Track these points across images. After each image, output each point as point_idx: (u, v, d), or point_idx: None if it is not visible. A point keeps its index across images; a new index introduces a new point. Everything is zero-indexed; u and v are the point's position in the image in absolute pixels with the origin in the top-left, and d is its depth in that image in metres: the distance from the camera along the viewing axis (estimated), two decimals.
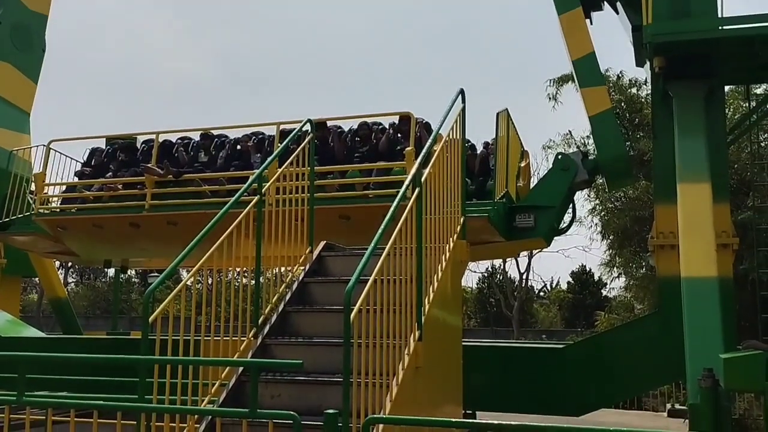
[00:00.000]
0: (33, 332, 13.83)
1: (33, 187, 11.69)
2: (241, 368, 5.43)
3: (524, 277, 37.93)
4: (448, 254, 6.36)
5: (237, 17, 77.86)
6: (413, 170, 5.69)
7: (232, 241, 5.69)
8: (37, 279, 23.14)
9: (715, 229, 8.78)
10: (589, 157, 10.33)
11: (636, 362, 9.62)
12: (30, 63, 14.20)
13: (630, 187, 20.19)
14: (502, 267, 39.65)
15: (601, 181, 11.78)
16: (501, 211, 9.33)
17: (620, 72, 21.72)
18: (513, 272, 39.22)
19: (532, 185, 10.88)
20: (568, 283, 43.35)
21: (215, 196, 9.88)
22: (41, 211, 11.07)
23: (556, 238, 10.88)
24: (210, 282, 6.88)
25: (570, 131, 23.72)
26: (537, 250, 32.89)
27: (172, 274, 5.45)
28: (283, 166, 6.69)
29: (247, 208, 5.97)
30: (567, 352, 10.27)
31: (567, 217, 10.97)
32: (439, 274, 6.09)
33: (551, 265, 62.64)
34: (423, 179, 5.72)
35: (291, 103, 69.66)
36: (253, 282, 6.19)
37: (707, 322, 7.21)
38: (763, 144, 15.50)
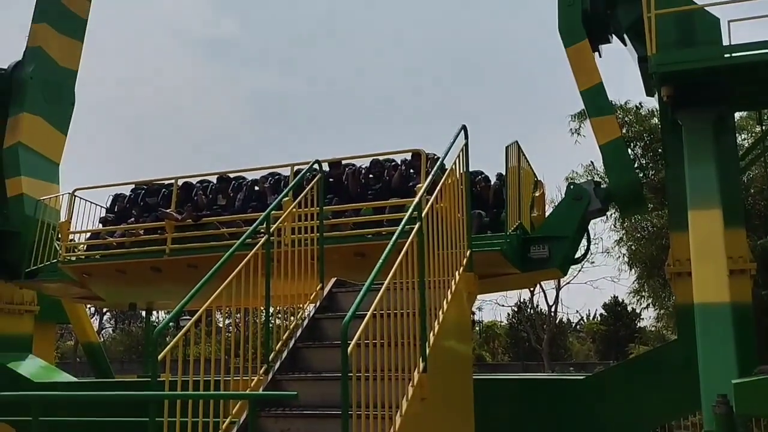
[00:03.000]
0: (65, 377, 14.11)
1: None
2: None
3: (553, 309, 37.51)
4: (454, 287, 6.45)
5: (266, 58, 79.33)
6: (412, 205, 5.83)
7: (242, 281, 5.85)
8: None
9: (731, 254, 8.75)
10: (602, 186, 10.37)
11: (658, 391, 9.51)
12: (60, 116, 14.73)
13: (656, 216, 20.06)
14: (530, 300, 39.35)
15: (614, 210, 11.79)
16: (514, 243, 9.38)
17: (639, 102, 21.68)
18: (543, 305, 38.89)
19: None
20: (601, 315, 42.80)
21: (234, 238, 10.09)
22: (67, 258, 11.41)
23: (582, 269, 10.94)
24: (226, 322, 7.06)
25: (592, 162, 23.63)
26: (565, 282, 32.68)
27: (179, 316, 5.62)
28: (291, 206, 6.88)
29: (255, 248, 6.14)
30: (587, 384, 10.19)
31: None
32: (445, 307, 6.17)
33: (581, 297, 61.93)
34: (423, 214, 5.86)
35: (321, 141, 70.68)
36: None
37: (720, 347, 7.16)
38: None
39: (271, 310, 6.38)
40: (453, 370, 6.47)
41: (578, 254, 10.48)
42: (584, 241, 10.49)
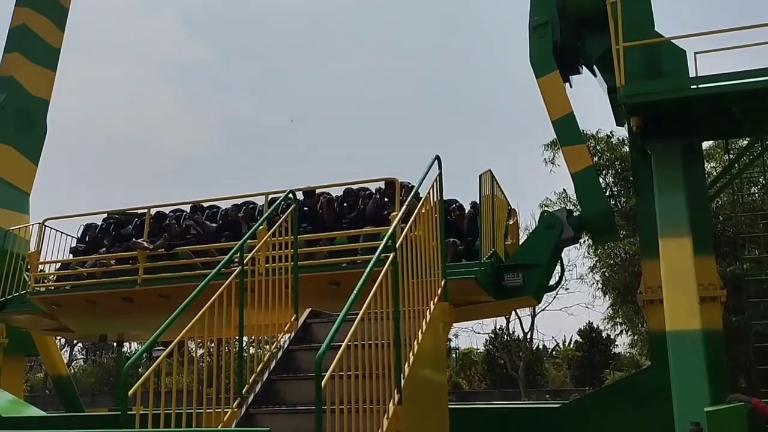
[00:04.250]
0: (34, 412, 13.77)
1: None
2: None
3: (529, 336, 37.63)
4: (429, 317, 6.44)
5: (240, 85, 79.31)
6: (386, 236, 5.84)
7: (215, 312, 5.79)
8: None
9: (702, 281, 8.86)
10: (574, 214, 10.47)
11: (633, 419, 9.53)
12: (31, 145, 14.60)
13: (628, 243, 20.30)
14: (506, 327, 39.43)
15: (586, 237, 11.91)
16: (488, 271, 9.40)
17: (610, 131, 22.01)
18: (519, 331, 39.05)
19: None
20: (576, 341, 43.01)
21: (207, 268, 10.00)
22: (36, 289, 11.22)
23: (557, 295, 11.02)
24: (199, 353, 6.98)
25: (565, 189, 23.87)
26: (540, 309, 32.81)
27: (149, 349, 5.54)
28: (266, 236, 6.85)
29: (228, 279, 6.09)
30: (562, 412, 10.20)
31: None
32: (420, 338, 6.16)
33: (556, 323, 62.13)
34: (398, 243, 5.86)
35: (295, 168, 70.54)
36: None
37: (693, 375, 7.21)
38: (756, 195, 15.67)
39: (246, 340, 6.32)
40: (428, 401, 6.44)
41: (552, 281, 10.53)
42: (558, 268, 10.57)
